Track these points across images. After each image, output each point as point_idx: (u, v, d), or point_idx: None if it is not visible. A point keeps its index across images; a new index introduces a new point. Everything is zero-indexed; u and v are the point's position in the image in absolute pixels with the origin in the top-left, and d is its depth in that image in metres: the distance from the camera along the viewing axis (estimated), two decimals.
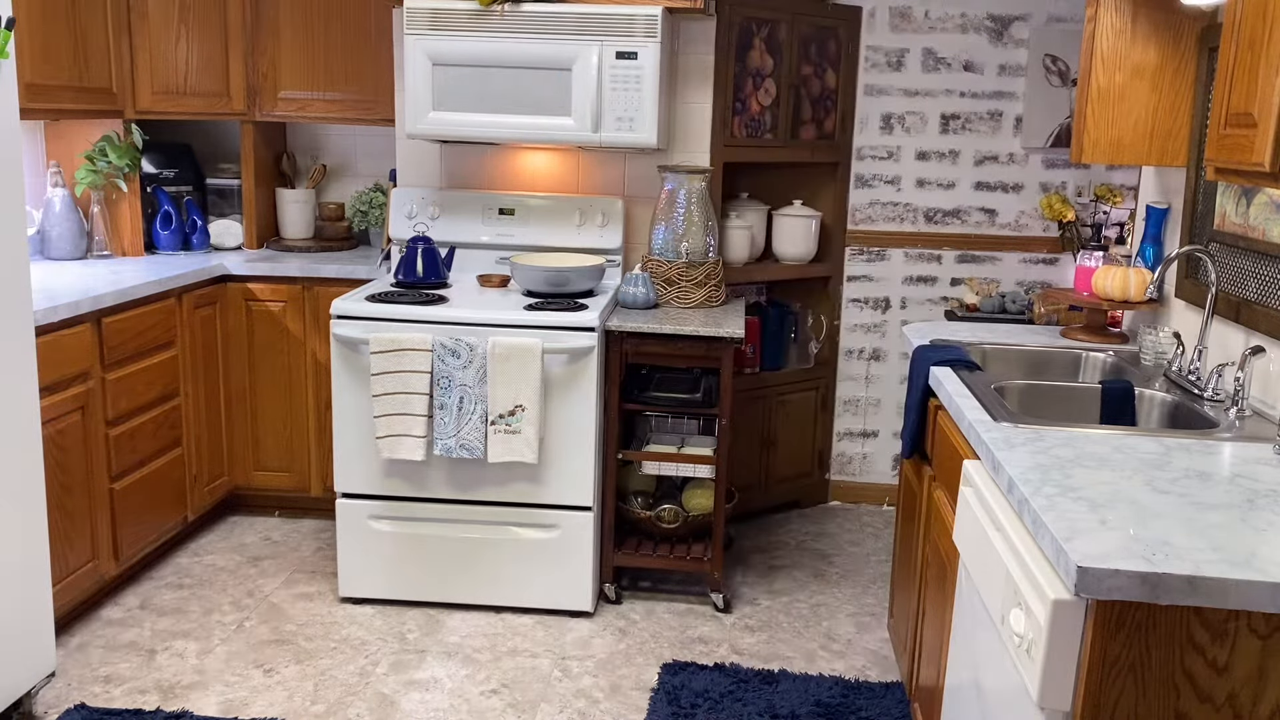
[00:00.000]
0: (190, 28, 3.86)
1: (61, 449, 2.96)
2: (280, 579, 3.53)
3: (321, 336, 3.82)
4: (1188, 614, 1.37)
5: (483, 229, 3.72)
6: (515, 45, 3.32)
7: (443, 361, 3.12)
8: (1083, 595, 1.38)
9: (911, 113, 4.12)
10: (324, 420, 3.86)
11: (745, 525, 4.10)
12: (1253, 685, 1.38)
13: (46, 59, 3.34)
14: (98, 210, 3.80)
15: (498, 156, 3.82)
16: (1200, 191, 2.70)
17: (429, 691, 2.88)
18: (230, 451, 3.91)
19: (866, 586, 3.61)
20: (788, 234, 3.98)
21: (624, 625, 3.28)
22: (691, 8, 3.34)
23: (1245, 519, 1.56)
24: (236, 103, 3.98)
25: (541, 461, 3.21)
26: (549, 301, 3.31)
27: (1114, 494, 1.65)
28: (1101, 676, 1.40)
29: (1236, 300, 2.42)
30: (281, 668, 2.98)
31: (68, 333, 2.97)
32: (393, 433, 3.15)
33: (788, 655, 3.12)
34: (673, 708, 2.79)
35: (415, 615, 3.30)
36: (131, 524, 3.32)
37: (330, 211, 4.27)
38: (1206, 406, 2.29)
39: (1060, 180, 4.11)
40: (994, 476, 1.85)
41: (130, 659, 3.00)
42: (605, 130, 3.34)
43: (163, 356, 3.47)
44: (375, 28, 3.90)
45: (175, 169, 4.12)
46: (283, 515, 4.05)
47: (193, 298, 3.63)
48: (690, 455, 3.36)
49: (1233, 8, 1.84)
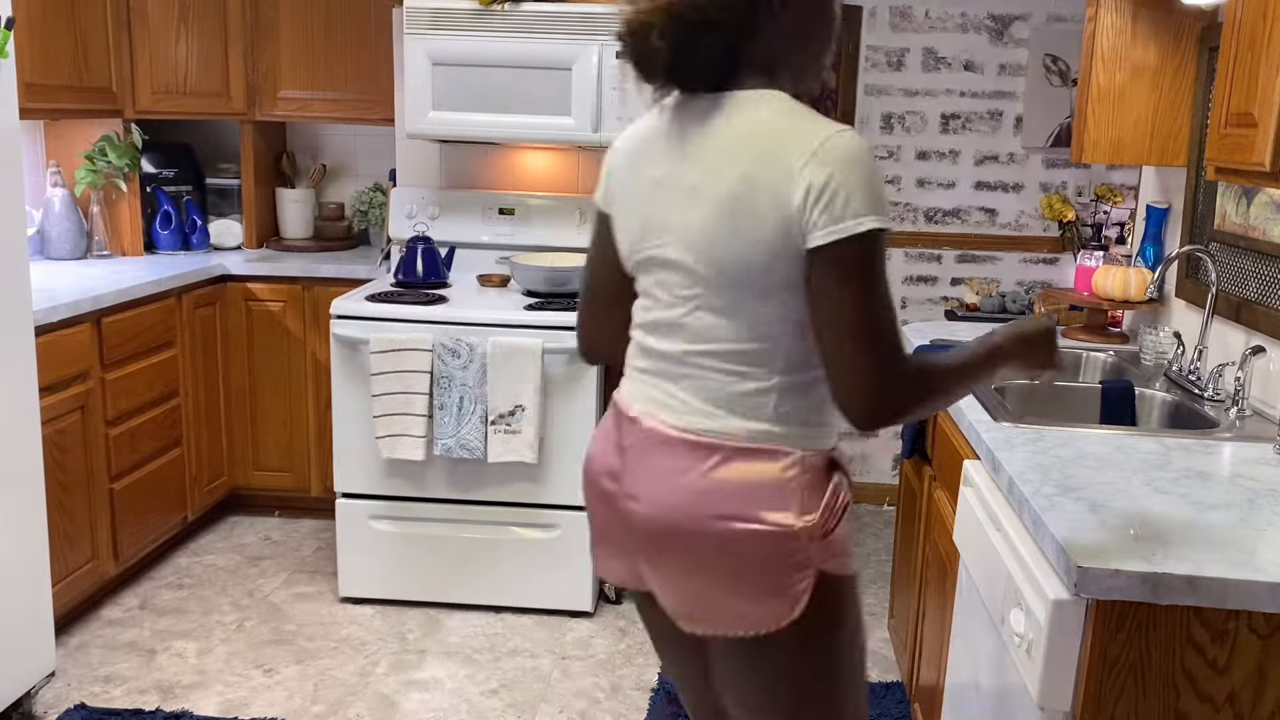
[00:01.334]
0: (190, 28, 3.86)
1: (61, 449, 2.96)
2: (280, 579, 3.53)
3: (321, 336, 3.82)
4: (1188, 614, 1.37)
5: (483, 229, 3.72)
6: (515, 45, 3.32)
7: (443, 361, 3.12)
8: (1083, 595, 1.38)
9: (911, 112, 4.12)
10: (324, 420, 3.85)
11: None
12: (1253, 685, 1.38)
13: (46, 59, 3.34)
14: (97, 210, 3.80)
15: (498, 156, 3.81)
16: (1200, 191, 2.70)
17: (429, 691, 2.88)
18: (230, 451, 3.91)
19: (867, 586, 3.61)
20: None
21: (624, 625, 3.28)
22: None
23: (1245, 519, 1.56)
24: (236, 102, 3.98)
25: (541, 461, 3.21)
26: (549, 301, 3.31)
27: (1114, 494, 1.65)
28: (1101, 676, 1.40)
29: (1237, 300, 2.42)
30: (281, 668, 2.98)
31: (68, 333, 2.97)
32: (392, 432, 3.15)
33: None
34: (673, 707, 2.79)
35: (415, 615, 3.30)
36: (131, 524, 3.32)
37: (330, 211, 4.27)
38: (1207, 406, 2.28)
39: (1060, 180, 4.11)
40: (994, 476, 1.85)
41: (130, 659, 3.00)
42: (605, 130, 3.34)
43: (162, 356, 3.47)
44: (375, 28, 3.90)
45: (175, 169, 4.12)
46: (283, 515, 4.05)
47: (192, 298, 3.63)
48: None
49: (1233, 7, 1.84)
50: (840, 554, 1.43)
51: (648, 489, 1.45)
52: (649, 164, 1.50)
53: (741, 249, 1.36)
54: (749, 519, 1.38)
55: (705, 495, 1.40)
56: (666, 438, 1.44)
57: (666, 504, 1.43)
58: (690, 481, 1.41)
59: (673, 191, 1.43)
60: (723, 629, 1.45)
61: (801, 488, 1.40)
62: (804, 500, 1.40)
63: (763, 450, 1.40)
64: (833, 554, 1.42)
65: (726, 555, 1.40)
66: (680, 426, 1.43)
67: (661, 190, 1.45)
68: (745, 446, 1.40)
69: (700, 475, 1.41)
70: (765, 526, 1.38)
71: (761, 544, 1.39)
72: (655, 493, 1.44)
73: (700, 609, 1.46)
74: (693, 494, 1.41)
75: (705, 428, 1.42)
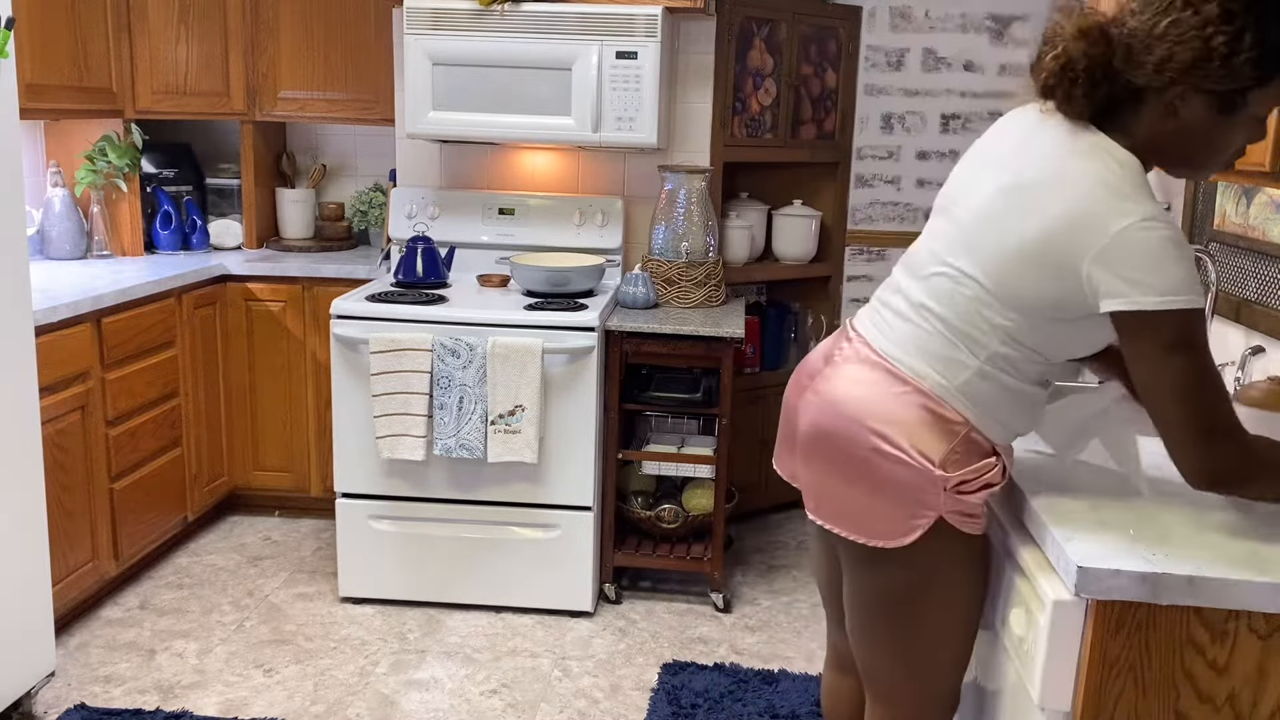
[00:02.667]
0: (190, 28, 3.86)
1: (61, 449, 2.96)
2: (280, 579, 3.53)
3: (321, 336, 3.82)
4: (1188, 614, 1.37)
5: (483, 229, 3.72)
6: (515, 45, 3.32)
7: (442, 361, 3.12)
8: (1083, 595, 1.38)
9: (911, 112, 4.12)
10: (324, 420, 3.85)
11: (745, 525, 4.10)
12: (1253, 685, 1.38)
13: (46, 59, 3.34)
14: (97, 210, 3.80)
15: (498, 156, 3.81)
16: (1200, 191, 2.70)
17: (429, 691, 2.88)
18: (230, 451, 3.91)
19: None
20: (788, 234, 3.98)
21: (624, 625, 3.28)
22: (691, 7, 3.34)
23: (1245, 519, 1.56)
24: (236, 103, 3.98)
25: (541, 461, 3.21)
26: (549, 301, 3.31)
27: (1114, 494, 1.64)
28: (1101, 676, 1.40)
29: (1237, 300, 2.42)
30: (281, 668, 2.98)
31: (68, 333, 2.97)
32: (392, 432, 3.15)
33: (788, 655, 3.12)
34: (673, 708, 2.79)
35: (415, 615, 3.30)
36: (131, 524, 3.32)
37: (330, 211, 4.27)
38: None
39: None
40: None
41: (130, 659, 3.00)
42: (605, 130, 3.34)
43: (162, 356, 3.47)
44: (375, 28, 3.90)
45: (175, 169, 4.12)
46: (282, 515, 4.05)
47: (192, 298, 3.63)
48: (690, 455, 3.36)
49: None
50: (967, 514, 1.59)
51: (833, 387, 1.65)
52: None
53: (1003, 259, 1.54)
54: (901, 448, 1.56)
55: (879, 409, 1.59)
56: (870, 358, 1.64)
57: (841, 402, 1.62)
58: (872, 393, 1.60)
59: (982, 169, 1.62)
60: (843, 530, 1.64)
61: (956, 448, 1.57)
62: (955, 457, 1.56)
63: (942, 405, 1.57)
64: (959, 510, 1.58)
65: (870, 468, 1.58)
66: (889, 355, 1.62)
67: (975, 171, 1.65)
68: (930, 393, 1.58)
69: (883, 392, 1.60)
70: (912, 459, 1.56)
71: (903, 471, 1.56)
72: (838, 392, 1.64)
73: (829, 507, 1.67)
74: (869, 403, 1.60)
75: (907, 364, 1.60)
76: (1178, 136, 1.49)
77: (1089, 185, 1.45)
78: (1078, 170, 1.47)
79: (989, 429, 1.58)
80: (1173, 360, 1.43)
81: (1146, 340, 1.44)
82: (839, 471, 1.63)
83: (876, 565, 1.63)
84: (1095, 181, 1.45)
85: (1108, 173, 1.46)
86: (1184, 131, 1.48)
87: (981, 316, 1.55)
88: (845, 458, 1.61)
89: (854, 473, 1.60)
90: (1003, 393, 1.58)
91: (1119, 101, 1.49)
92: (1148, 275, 1.41)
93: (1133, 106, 1.49)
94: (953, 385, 1.57)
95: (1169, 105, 1.46)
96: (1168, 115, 1.47)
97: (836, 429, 1.62)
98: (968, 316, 1.56)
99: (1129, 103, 1.49)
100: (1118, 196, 1.44)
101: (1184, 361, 1.43)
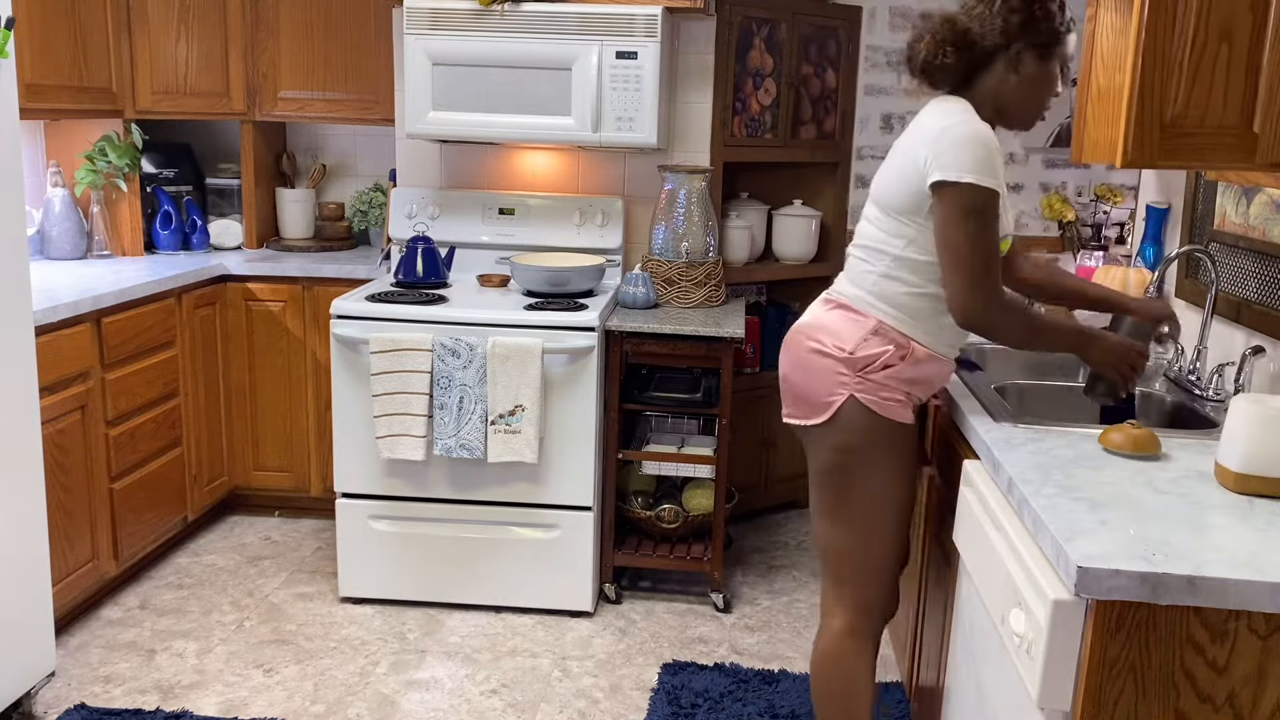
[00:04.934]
0: (190, 28, 3.86)
1: (61, 449, 2.96)
2: (280, 579, 3.53)
3: (321, 336, 3.82)
4: (1188, 614, 1.37)
5: (483, 229, 3.72)
6: (515, 45, 3.32)
7: (443, 361, 3.12)
8: (1083, 595, 1.38)
9: (911, 112, 4.10)
10: (324, 420, 3.86)
11: (745, 525, 4.10)
12: (1253, 685, 1.38)
13: (46, 59, 3.34)
14: (97, 210, 3.80)
15: (498, 156, 3.82)
16: (1200, 191, 2.70)
17: (429, 691, 2.88)
18: (230, 451, 3.91)
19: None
20: (788, 234, 3.98)
21: (624, 625, 3.28)
22: (691, 7, 3.34)
23: (1245, 519, 1.56)
24: (236, 103, 3.98)
25: (541, 461, 3.21)
26: (549, 301, 3.31)
27: (1114, 494, 1.65)
28: (1101, 676, 1.40)
29: (1237, 300, 2.42)
30: (281, 668, 2.98)
31: (68, 333, 2.97)
32: (392, 433, 3.15)
33: (788, 655, 3.12)
34: (673, 708, 2.79)
35: (415, 615, 3.30)
36: (131, 524, 3.32)
37: (330, 211, 4.27)
38: (1207, 407, 2.28)
39: (1060, 180, 4.11)
40: (994, 476, 1.85)
41: (130, 659, 3.00)
42: (605, 130, 3.34)
43: (162, 356, 3.47)
44: (375, 28, 3.90)
45: (175, 169, 4.12)
46: (283, 515, 4.05)
47: (192, 298, 3.63)
48: (690, 455, 3.36)
49: None
50: (877, 392, 2.04)
51: (797, 324, 2.18)
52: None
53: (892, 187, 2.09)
54: (823, 343, 2.08)
55: (814, 323, 2.13)
56: (824, 297, 2.19)
57: (796, 328, 2.17)
58: (813, 315, 2.16)
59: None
60: (793, 417, 2.16)
61: (863, 336, 2.05)
62: (860, 344, 2.05)
63: (855, 308, 2.09)
64: (869, 391, 2.04)
65: (806, 364, 2.11)
66: (832, 290, 2.18)
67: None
68: (848, 304, 2.10)
69: (819, 312, 2.15)
70: (828, 349, 2.07)
71: (823, 360, 2.08)
72: (798, 323, 2.18)
73: (789, 407, 2.18)
74: (810, 322, 2.15)
75: (838, 289, 2.15)
76: (1020, 86, 2.03)
77: (937, 116, 2.01)
78: (932, 114, 2.04)
79: (901, 324, 2.04)
80: (964, 225, 1.92)
81: (947, 204, 1.93)
82: (791, 374, 2.15)
83: (815, 444, 2.12)
84: (941, 114, 2.01)
85: (950, 106, 2.02)
86: (1023, 81, 2.02)
87: (879, 233, 2.07)
88: (794, 361, 2.14)
89: (799, 372, 2.12)
90: (906, 293, 2.04)
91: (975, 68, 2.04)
92: (957, 156, 1.91)
93: (986, 69, 2.04)
94: (863, 291, 2.08)
95: (1011, 60, 2.01)
96: (1009, 71, 2.02)
97: (790, 342, 2.17)
98: (870, 236, 2.10)
99: (982, 69, 2.04)
100: (950, 116, 1.98)
101: (972, 226, 1.92)
